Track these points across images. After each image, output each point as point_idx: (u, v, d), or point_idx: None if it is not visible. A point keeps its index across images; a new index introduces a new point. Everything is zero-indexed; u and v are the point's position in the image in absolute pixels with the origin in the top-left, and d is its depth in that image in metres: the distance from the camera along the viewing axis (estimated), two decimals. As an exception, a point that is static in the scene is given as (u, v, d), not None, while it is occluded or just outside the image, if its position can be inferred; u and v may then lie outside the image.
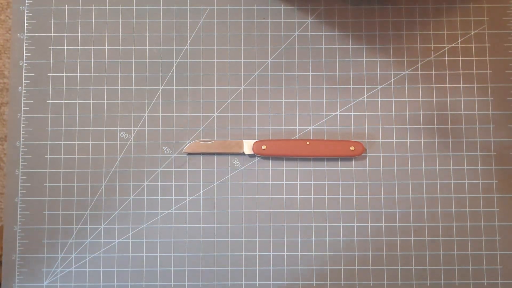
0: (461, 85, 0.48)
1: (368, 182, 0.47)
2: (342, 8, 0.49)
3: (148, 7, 0.49)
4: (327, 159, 0.47)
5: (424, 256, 0.46)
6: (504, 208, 0.46)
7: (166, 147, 0.48)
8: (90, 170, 0.47)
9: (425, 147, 0.47)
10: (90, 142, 0.48)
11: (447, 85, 0.48)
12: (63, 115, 0.48)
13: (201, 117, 0.48)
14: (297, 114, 0.48)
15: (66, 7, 0.49)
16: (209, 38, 0.49)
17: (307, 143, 0.47)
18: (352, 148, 0.46)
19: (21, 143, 0.47)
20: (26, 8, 0.49)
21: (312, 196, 0.47)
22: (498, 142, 0.47)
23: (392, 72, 0.48)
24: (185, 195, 0.47)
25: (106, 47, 0.49)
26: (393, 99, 0.48)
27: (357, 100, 0.48)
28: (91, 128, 0.48)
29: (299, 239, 0.46)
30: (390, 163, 0.47)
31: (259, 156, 0.47)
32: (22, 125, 0.48)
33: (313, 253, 0.46)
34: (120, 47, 0.49)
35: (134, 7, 0.49)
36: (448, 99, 0.48)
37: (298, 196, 0.47)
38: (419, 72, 0.48)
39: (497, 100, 0.48)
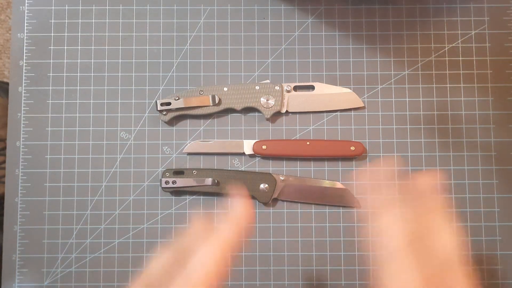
0: (461, 85, 0.48)
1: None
2: (342, 8, 0.49)
3: (148, 7, 0.49)
4: (327, 159, 0.47)
5: (425, 256, 0.46)
6: (505, 208, 0.46)
7: (166, 147, 0.48)
8: (90, 170, 0.47)
9: (425, 147, 0.47)
10: (90, 142, 0.48)
11: (448, 85, 0.48)
12: (63, 115, 0.48)
13: (201, 117, 0.48)
14: (297, 114, 0.48)
15: (66, 7, 0.49)
16: (209, 38, 0.49)
17: (307, 143, 0.47)
18: (352, 148, 0.46)
19: (21, 143, 0.47)
20: (26, 8, 0.49)
21: (312, 196, 0.47)
22: (498, 142, 0.47)
23: (392, 72, 0.48)
24: (185, 195, 0.47)
25: (106, 47, 0.49)
26: (393, 99, 0.48)
27: (357, 100, 0.48)
28: (91, 128, 0.48)
29: (299, 239, 0.46)
30: (391, 163, 0.47)
31: (259, 156, 0.47)
32: (22, 125, 0.48)
33: (313, 253, 0.46)
34: (120, 47, 0.49)
35: (134, 7, 0.49)
36: (448, 99, 0.48)
37: (298, 196, 0.47)
38: (420, 72, 0.48)
39: (497, 100, 0.48)
